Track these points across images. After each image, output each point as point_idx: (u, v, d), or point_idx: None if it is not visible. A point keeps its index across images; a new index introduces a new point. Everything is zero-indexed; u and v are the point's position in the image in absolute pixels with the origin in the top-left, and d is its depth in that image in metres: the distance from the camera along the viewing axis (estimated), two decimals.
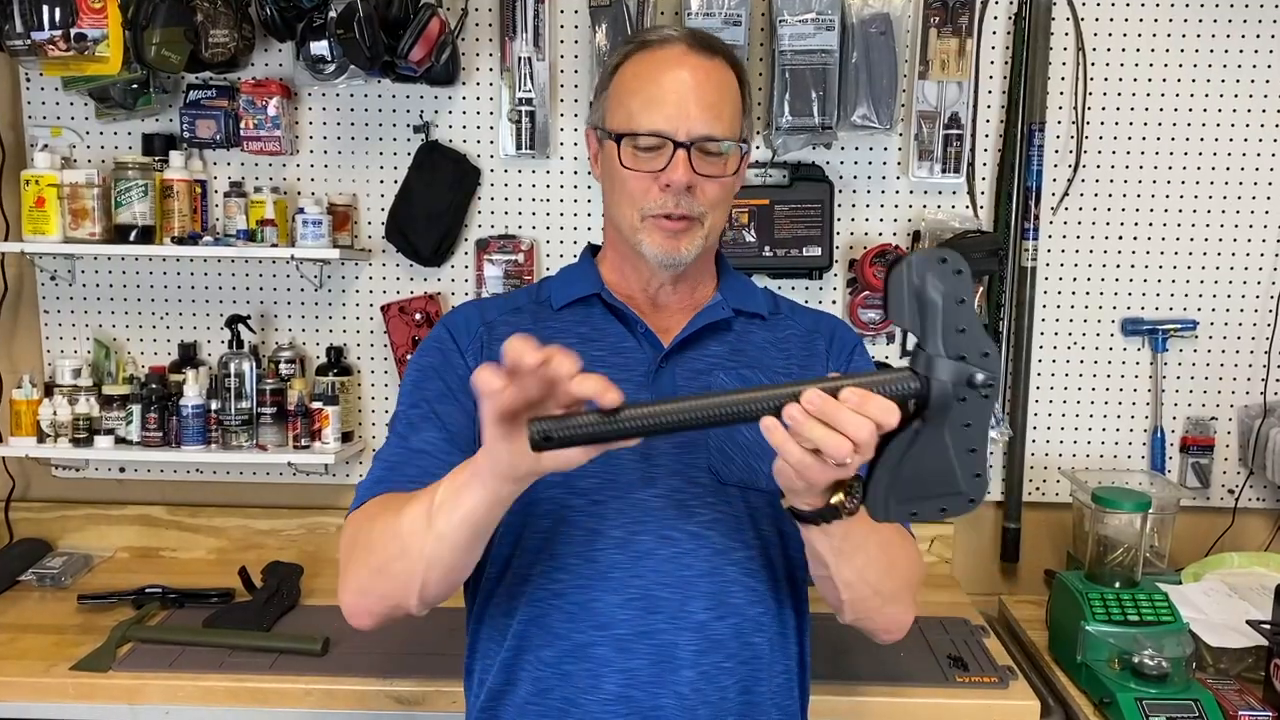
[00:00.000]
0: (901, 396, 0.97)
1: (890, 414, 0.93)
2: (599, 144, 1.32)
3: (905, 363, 0.99)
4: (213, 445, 2.18)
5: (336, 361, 2.27)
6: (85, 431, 2.17)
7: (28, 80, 2.27)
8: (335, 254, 2.13)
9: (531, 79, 2.20)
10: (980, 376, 0.96)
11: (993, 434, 2.24)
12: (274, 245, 2.14)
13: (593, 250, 1.43)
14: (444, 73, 2.14)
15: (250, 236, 2.15)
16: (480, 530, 1.07)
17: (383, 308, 2.29)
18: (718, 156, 1.25)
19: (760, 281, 2.23)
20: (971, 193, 2.26)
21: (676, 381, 1.27)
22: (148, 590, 2.09)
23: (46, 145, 2.21)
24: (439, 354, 1.30)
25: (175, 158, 2.18)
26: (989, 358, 0.97)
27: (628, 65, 1.28)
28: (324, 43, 2.08)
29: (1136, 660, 1.74)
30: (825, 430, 0.92)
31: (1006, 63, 2.23)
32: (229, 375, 2.17)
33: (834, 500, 1.03)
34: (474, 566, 1.14)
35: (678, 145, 1.21)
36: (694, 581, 1.22)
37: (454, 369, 1.28)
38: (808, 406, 0.93)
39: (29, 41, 1.97)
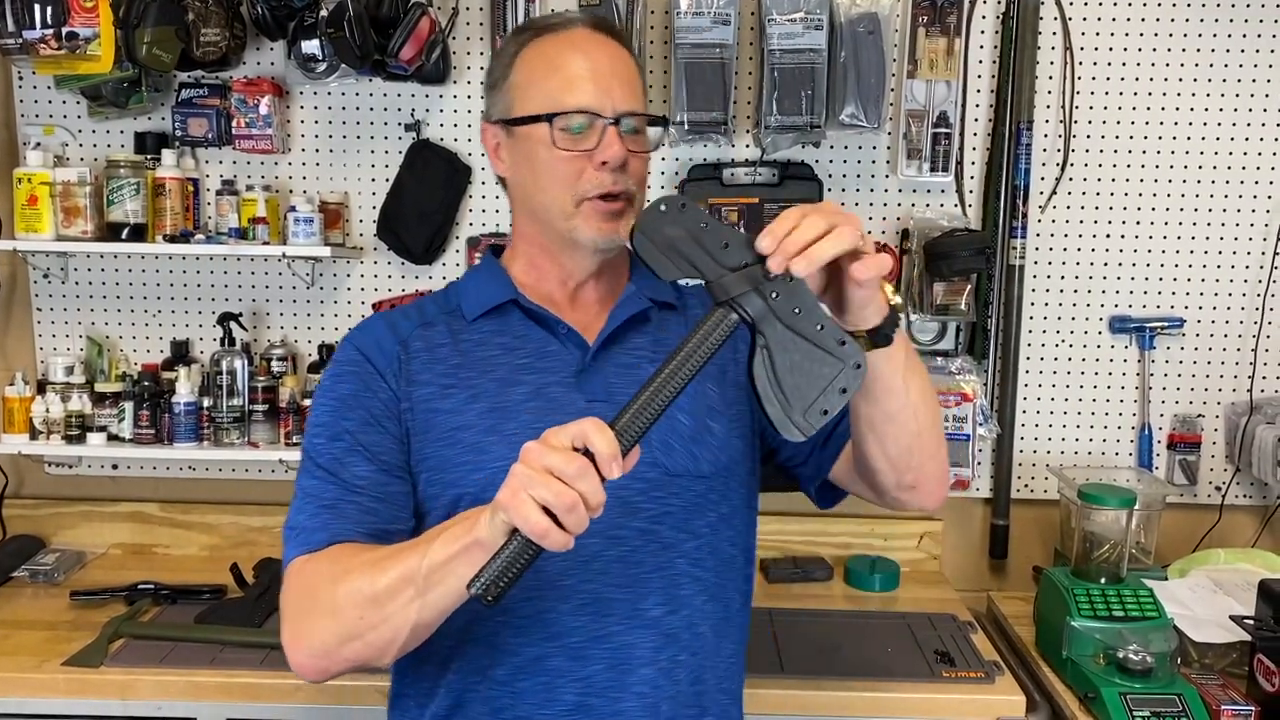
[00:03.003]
0: (729, 333, 1.00)
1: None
2: (506, 135, 1.26)
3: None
4: (205, 442, 2.19)
5: (328, 359, 2.28)
6: (78, 429, 2.18)
7: (20, 79, 2.28)
8: (327, 252, 2.14)
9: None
10: (768, 272, 1.00)
11: (981, 431, 2.25)
12: (266, 243, 2.15)
13: (496, 251, 1.37)
14: (435, 71, 2.15)
15: (242, 234, 2.16)
16: None
17: (374, 305, 2.30)
18: (638, 134, 1.23)
19: None
20: (960, 191, 2.27)
21: (606, 378, 1.24)
22: (140, 587, 2.09)
23: (39, 144, 2.22)
24: (356, 380, 1.23)
25: (167, 156, 2.18)
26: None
27: (530, 51, 1.24)
28: (315, 42, 2.08)
29: (1121, 655, 1.75)
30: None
31: (994, 62, 2.24)
32: (221, 373, 2.18)
33: (892, 299, 1.08)
34: None
35: (607, 121, 1.19)
36: (645, 579, 1.20)
37: (375, 394, 1.22)
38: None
39: (21, 40, 1.97)
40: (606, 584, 1.19)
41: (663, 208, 1.03)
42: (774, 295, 1.00)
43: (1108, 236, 2.28)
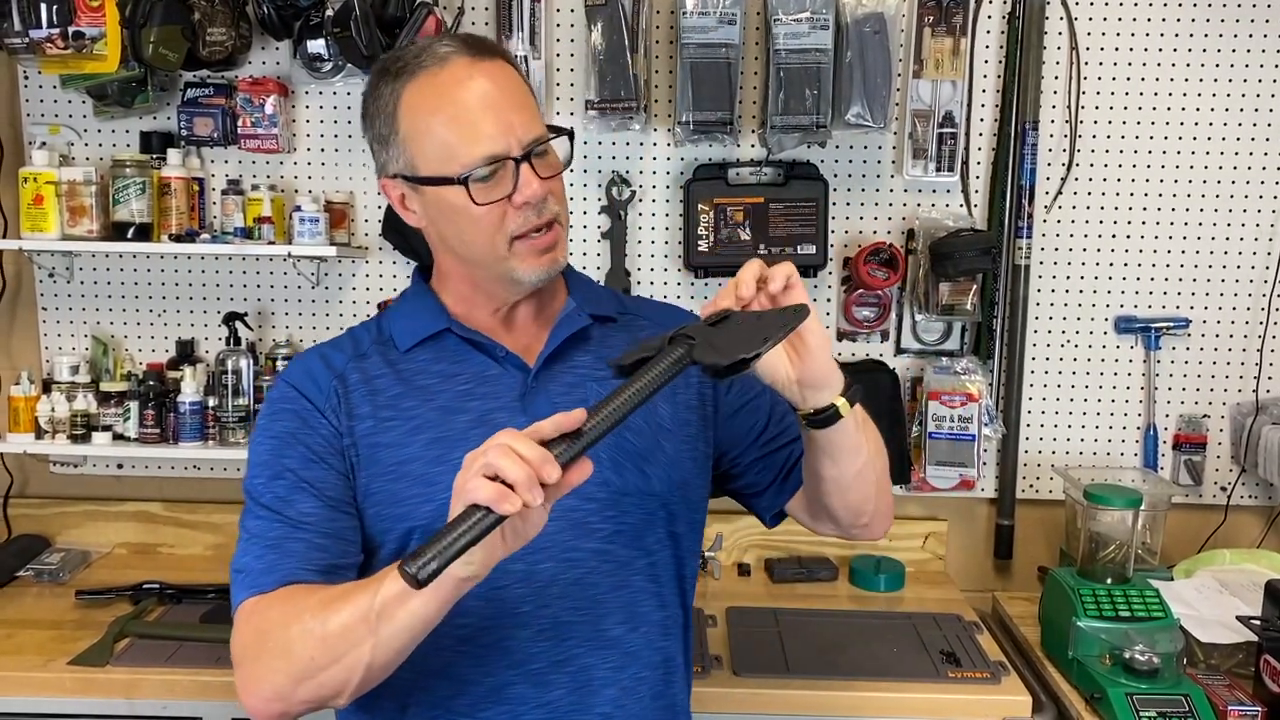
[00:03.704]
0: (678, 364, 1.01)
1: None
2: (411, 189, 1.21)
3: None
4: (210, 442, 2.19)
5: None
6: (83, 428, 2.18)
7: (26, 78, 2.28)
8: (332, 251, 2.14)
9: (527, 78, 2.21)
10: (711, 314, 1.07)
11: (986, 431, 2.25)
12: (271, 243, 2.15)
13: (422, 272, 1.33)
14: None
15: (247, 234, 2.16)
16: (432, 625, 1.02)
17: (380, 305, 2.30)
18: (549, 155, 1.20)
19: None
20: (965, 191, 2.27)
21: (552, 399, 1.21)
22: (145, 586, 2.10)
23: (45, 143, 2.22)
24: (294, 417, 1.20)
25: (173, 155, 2.18)
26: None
27: (411, 98, 1.17)
28: (321, 41, 2.09)
29: (1127, 656, 1.75)
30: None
31: (1000, 62, 2.24)
32: (226, 372, 2.17)
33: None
34: None
35: (517, 160, 1.15)
36: (603, 599, 1.19)
37: (315, 431, 1.19)
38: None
39: (27, 40, 1.98)
40: (564, 608, 1.18)
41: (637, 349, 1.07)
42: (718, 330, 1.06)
43: (1113, 237, 2.28)
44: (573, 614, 1.18)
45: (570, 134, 1.23)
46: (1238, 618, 1.83)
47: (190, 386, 2.17)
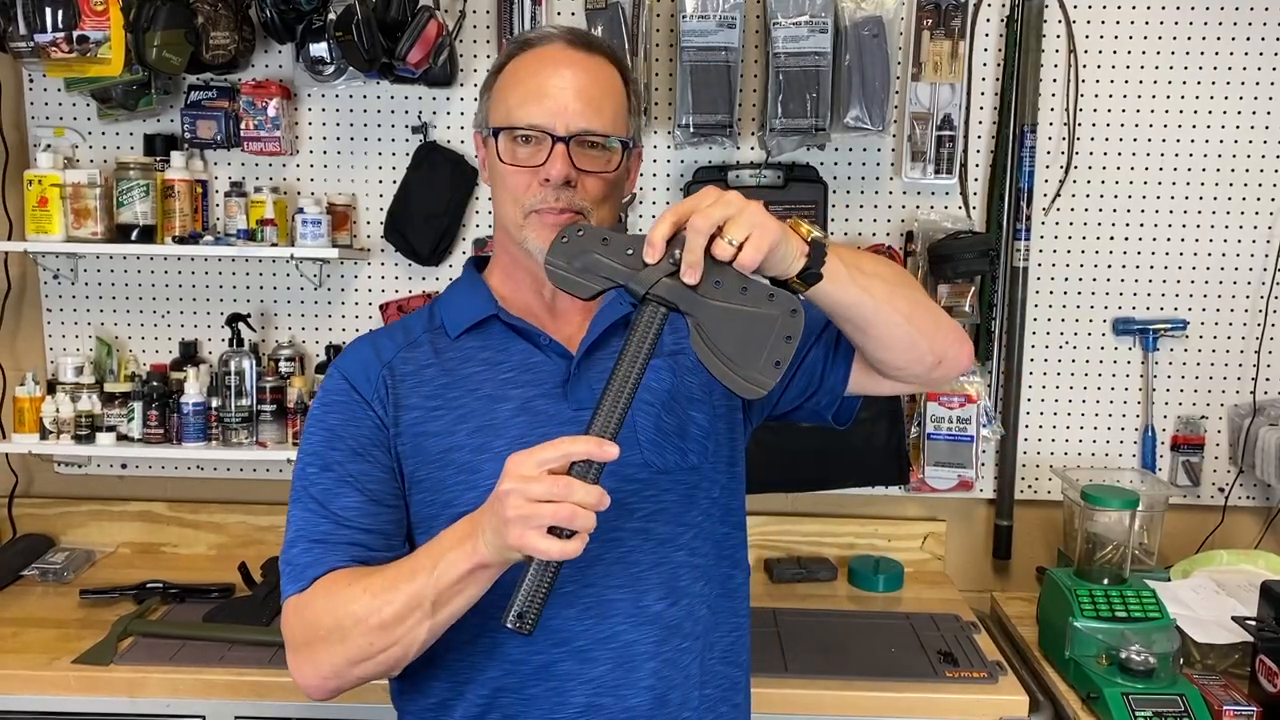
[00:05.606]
0: (661, 325, 1.05)
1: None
2: (483, 145, 1.29)
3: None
4: (213, 442, 2.20)
5: (336, 359, 2.29)
6: (87, 428, 2.19)
7: (30, 81, 2.30)
8: (334, 253, 2.16)
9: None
10: (676, 254, 1.04)
11: (985, 432, 2.26)
12: (274, 245, 2.16)
13: (476, 263, 1.38)
14: (442, 74, 2.16)
15: (250, 236, 2.17)
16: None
17: (381, 306, 2.32)
18: (600, 151, 1.22)
19: None
20: (964, 194, 2.28)
21: (592, 386, 1.23)
22: (149, 585, 2.11)
23: (49, 145, 2.23)
24: (343, 410, 1.25)
25: (176, 158, 2.20)
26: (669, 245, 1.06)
27: (513, 64, 1.26)
28: (323, 45, 2.10)
29: (1124, 656, 1.76)
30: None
31: (999, 65, 2.25)
32: (229, 373, 2.19)
33: (810, 235, 1.09)
34: None
35: (556, 139, 1.20)
36: (643, 576, 1.22)
37: (359, 425, 1.24)
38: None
39: (32, 43, 2.00)
40: (607, 585, 1.21)
41: (564, 238, 1.09)
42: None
43: (1111, 239, 2.29)
44: (615, 591, 1.21)
45: (628, 145, 1.26)
46: (1234, 618, 1.84)
47: (193, 387, 2.18)
